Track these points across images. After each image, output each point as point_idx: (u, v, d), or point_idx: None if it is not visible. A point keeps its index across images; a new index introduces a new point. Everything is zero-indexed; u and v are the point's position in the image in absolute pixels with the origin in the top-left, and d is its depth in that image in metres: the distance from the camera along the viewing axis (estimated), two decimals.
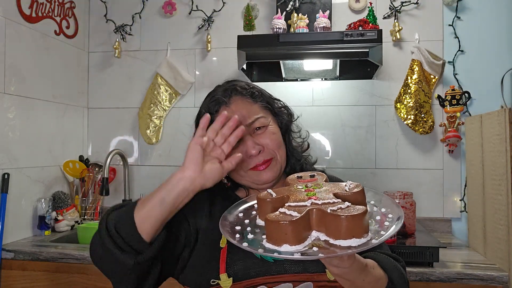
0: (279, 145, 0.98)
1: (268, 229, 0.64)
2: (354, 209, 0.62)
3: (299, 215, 0.63)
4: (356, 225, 0.61)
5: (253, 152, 0.94)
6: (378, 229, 0.67)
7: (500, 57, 1.98)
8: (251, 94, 1.00)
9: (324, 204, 0.66)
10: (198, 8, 2.24)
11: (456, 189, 2.02)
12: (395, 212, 0.72)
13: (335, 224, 0.61)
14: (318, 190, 0.74)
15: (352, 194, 0.71)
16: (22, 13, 1.88)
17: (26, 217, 1.90)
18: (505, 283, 1.38)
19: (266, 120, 0.99)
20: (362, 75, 2.04)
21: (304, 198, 0.70)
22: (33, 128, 1.94)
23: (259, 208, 0.74)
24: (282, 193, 0.73)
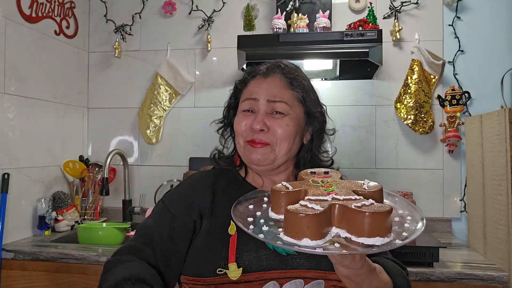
0: (285, 137, 0.94)
1: (288, 221, 0.61)
2: (380, 207, 0.60)
3: (322, 208, 0.60)
4: (381, 223, 0.58)
5: (255, 127, 0.93)
6: (398, 230, 0.64)
7: (500, 57, 1.98)
8: (291, 79, 0.97)
9: (346, 200, 0.63)
10: (198, 8, 2.24)
11: (456, 189, 2.02)
12: (414, 214, 0.69)
13: (359, 221, 0.59)
14: (335, 186, 0.71)
15: (371, 192, 0.68)
16: (22, 13, 1.88)
17: (26, 217, 1.90)
18: (505, 283, 1.38)
19: (289, 110, 0.95)
20: (362, 75, 2.04)
21: (323, 193, 0.67)
22: (33, 128, 1.94)
23: (273, 200, 0.70)
24: (299, 186, 0.70)
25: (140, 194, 2.24)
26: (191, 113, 2.25)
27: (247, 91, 0.99)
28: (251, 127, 0.94)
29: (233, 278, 0.84)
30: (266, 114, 0.94)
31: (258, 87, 0.96)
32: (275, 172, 1.00)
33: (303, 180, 0.76)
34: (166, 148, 2.28)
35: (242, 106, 0.98)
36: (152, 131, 2.24)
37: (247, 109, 0.97)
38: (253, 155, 0.94)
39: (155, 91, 2.24)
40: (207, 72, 2.24)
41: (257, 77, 0.99)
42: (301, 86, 0.98)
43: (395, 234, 0.62)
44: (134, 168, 2.30)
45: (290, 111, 0.95)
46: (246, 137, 0.95)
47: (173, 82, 2.24)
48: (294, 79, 0.97)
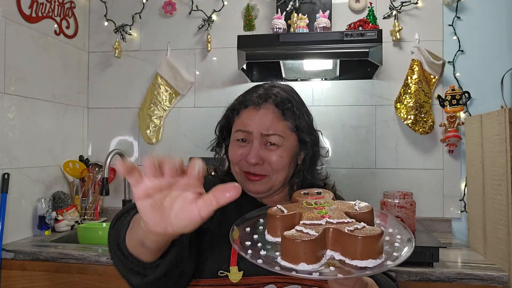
0: (280, 169, 0.97)
1: (285, 246, 0.63)
2: (371, 230, 0.62)
3: (317, 234, 0.62)
4: (373, 246, 0.61)
5: (251, 161, 0.95)
6: (389, 250, 0.67)
7: (500, 57, 1.98)
8: (284, 111, 0.98)
9: (340, 224, 0.66)
10: (198, 8, 2.24)
11: (456, 189, 2.02)
12: (403, 233, 0.72)
13: (352, 244, 0.61)
14: (328, 208, 0.73)
15: (362, 213, 0.71)
16: (22, 13, 1.88)
17: (26, 217, 1.90)
18: (505, 283, 1.38)
19: (282, 141, 0.97)
20: (362, 75, 2.04)
21: (317, 216, 0.69)
22: (33, 128, 1.94)
23: (269, 223, 0.72)
24: (293, 209, 0.72)
25: None
26: (191, 113, 2.25)
27: (240, 122, 1.00)
28: (246, 160, 0.96)
29: (234, 281, 0.86)
30: (260, 146, 0.96)
31: (251, 120, 0.97)
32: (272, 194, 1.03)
33: (297, 202, 0.78)
34: (166, 148, 2.28)
35: (235, 135, 1.00)
36: (152, 131, 2.24)
37: (241, 139, 0.99)
38: (251, 187, 0.97)
39: (155, 91, 2.24)
40: (207, 72, 2.24)
41: (249, 108, 0.99)
42: (294, 117, 0.99)
43: (386, 254, 0.64)
44: None
45: (283, 142, 0.97)
46: (242, 168, 0.98)
47: (173, 82, 2.24)
48: (286, 110, 0.98)
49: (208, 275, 0.88)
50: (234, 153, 0.99)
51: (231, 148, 1.01)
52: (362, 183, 2.09)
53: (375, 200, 1.95)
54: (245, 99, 1.01)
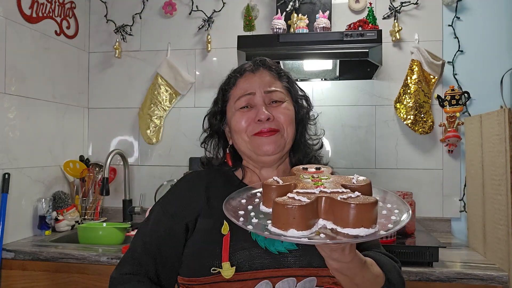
0: (290, 122, 0.98)
1: (276, 212, 0.63)
2: (365, 199, 0.62)
3: (308, 200, 0.62)
4: (366, 214, 0.60)
5: (262, 117, 0.95)
6: (384, 222, 0.67)
7: (499, 57, 1.98)
8: (277, 71, 1.03)
9: (333, 193, 0.65)
10: (198, 9, 2.24)
11: (455, 189, 2.02)
12: (401, 208, 0.72)
13: (345, 212, 0.60)
14: (325, 180, 0.73)
15: (360, 186, 0.70)
16: (22, 14, 1.88)
17: (27, 217, 1.90)
18: (505, 283, 1.38)
19: (284, 97, 1.00)
20: (362, 75, 2.05)
21: (311, 186, 0.69)
22: (33, 128, 1.95)
23: (264, 194, 0.73)
24: (288, 181, 0.73)
25: (140, 194, 2.24)
26: (191, 113, 2.25)
27: (239, 89, 1.00)
28: (256, 119, 0.96)
29: (227, 277, 0.85)
30: (266, 105, 0.97)
31: (251, 82, 0.99)
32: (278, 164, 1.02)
33: (295, 175, 0.78)
34: (166, 148, 2.28)
35: (237, 104, 0.99)
36: (152, 131, 2.25)
37: (244, 106, 0.99)
38: (265, 146, 0.96)
39: (155, 91, 2.24)
40: (207, 72, 2.25)
41: (246, 74, 1.02)
42: (286, 77, 1.04)
43: (381, 226, 0.64)
44: (134, 168, 2.30)
45: (285, 98, 1.00)
46: (252, 131, 0.97)
47: (173, 82, 2.24)
48: (278, 73, 1.03)
49: (201, 273, 0.87)
50: (239, 121, 0.98)
51: (235, 119, 0.99)
52: None
53: None
54: (239, 69, 1.04)
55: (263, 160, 0.99)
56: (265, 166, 1.01)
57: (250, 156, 1.00)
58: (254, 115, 0.96)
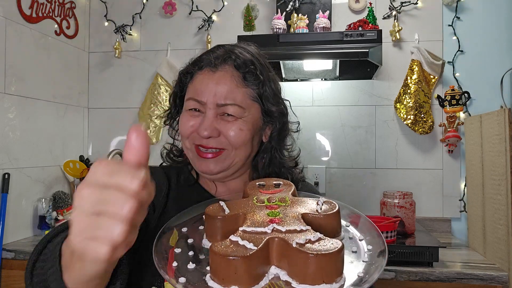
0: (240, 145, 0.81)
1: (214, 264, 0.49)
2: (327, 245, 0.48)
3: (255, 248, 0.48)
4: (328, 266, 0.47)
5: (203, 134, 0.79)
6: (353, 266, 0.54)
7: (500, 57, 1.98)
8: (245, 74, 0.82)
9: (289, 232, 0.51)
10: (198, 9, 2.24)
11: (455, 189, 2.02)
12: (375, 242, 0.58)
13: (301, 263, 0.47)
14: (283, 208, 0.59)
15: (325, 217, 0.57)
16: (22, 13, 1.88)
17: (27, 217, 1.90)
18: (504, 283, 1.38)
19: (242, 112, 0.81)
20: (362, 75, 2.05)
21: (264, 219, 0.55)
22: (33, 128, 1.95)
23: (207, 225, 0.59)
24: (237, 208, 0.59)
25: None
26: None
27: (193, 88, 0.84)
28: (198, 133, 0.81)
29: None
30: (215, 117, 0.81)
31: (205, 86, 0.81)
32: (229, 179, 0.88)
33: (248, 196, 0.65)
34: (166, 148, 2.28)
35: (187, 104, 0.85)
36: (152, 131, 2.25)
37: (193, 108, 0.83)
38: (203, 167, 0.82)
39: (155, 91, 2.24)
40: None
41: (204, 70, 0.83)
42: (257, 82, 0.83)
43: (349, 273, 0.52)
44: None
45: (243, 114, 0.81)
46: (194, 141, 0.82)
47: None
48: (248, 73, 0.82)
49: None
50: (184, 124, 0.83)
51: (181, 119, 0.85)
52: (362, 183, 2.09)
53: (375, 200, 1.96)
54: (200, 59, 0.85)
55: (205, 177, 0.86)
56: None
57: (193, 166, 0.86)
58: (198, 124, 0.81)
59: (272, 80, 0.87)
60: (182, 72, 0.89)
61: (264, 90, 0.84)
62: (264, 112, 0.85)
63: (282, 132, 0.89)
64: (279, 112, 0.86)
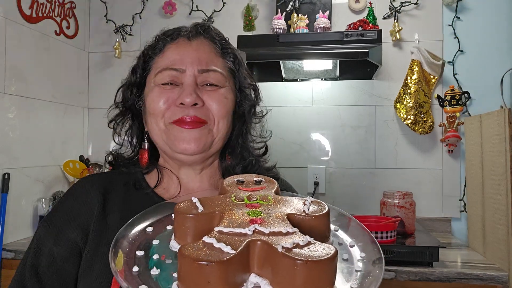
0: (224, 113, 0.74)
1: (182, 269, 0.41)
2: (318, 251, 0.41)
3: (234, 251, 0.41)
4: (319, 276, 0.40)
5: (186, 100, 0.71)
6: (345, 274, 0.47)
7: (500, 57, 1.98)
8: (222, 46, 0.78)
9: (273, 234, 0.44)
10: (198, 9, 2.24)
11: (455, 189, 2.02)
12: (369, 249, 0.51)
13: (288, 271, 0.40)
14: (265, 207, 0.51)
15: (314, 218, 0.49)
16: (22, 14, 1.88)
17: (27, 217, 1.90)
18: (504, 283, 1.38)
19: (224, 81, 0.76)
20: (362, 75, 2.05)
21: (244, 219, 0.48)
22: (33, 128, 1.95)
23: (177, 224, 0.50)
24: (212, 206, 0.51)
25: None
26: None
27: (166, 59, 0.76)
28: (178, 102, 0.72)
29: None
30: (196, 86, 0.73)
31: (182, 53, 0.74)
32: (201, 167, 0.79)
33: (225, 193, 0.57)
34: None
35: (158, 78, 0.75)
36: None
37: (167, 82, 0.74)
38: (184, 142, 0.72)
39: None
40: None
41: (179, 40, 0.76)
42: (233, 55, 0.80)
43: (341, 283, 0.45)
44: None
45: (225, 83, 0.76)
46: (171, 117, 0.73)
47: None
48: (225, 45, 0.79)
49: None
50: (156, 100, 0.74)
51: (151, 97, 0.75)
52: (362, 183, 2.09)
53: (375, 200, 1.96)
54: (172, 32, 0.78)
55: (180, 158, 0.76)
56: (184, 165, 0.78)
57: (165, 150, 0.76)
58: (177, 96, 0.72)
59: (243, 61, 0.84)
60: (148, 48, 0.80)
61: (240, 66, 0.81)
62: (239, 88, 0.80)
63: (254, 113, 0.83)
64: (252, 88, 0.83)
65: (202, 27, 0.78)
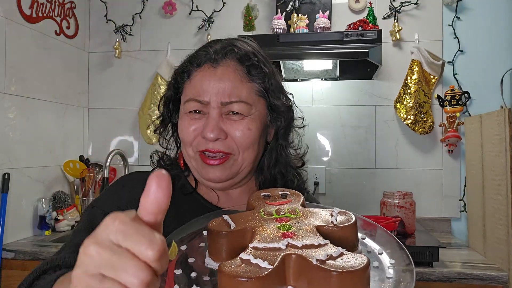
0: (248, 145, 0.75)
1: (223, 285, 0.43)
2: (351, 261, 0.43)
3: (271, 266, 0.43)
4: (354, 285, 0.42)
5: (209, 136, 0.73)
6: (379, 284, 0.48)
7: (499, 57, 1.98)
8: (249, 68, 0.76)
9: (306, 247, 0.46)
10: (198, 8, 2.24)
11: (455, 189, 2.02)
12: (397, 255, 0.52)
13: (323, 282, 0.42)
14: (294, 220, 0.53)
15: (342, 229, 0.51)
16: (22, 13, 1.88)
17: (27, 217, 1.90)
18: (504, 283, 1.38)
19: (250, 110, 0.75)
20: (362, 75, 2.05)
21: (275, 234, 0.49)
22: (33, 128, 1.95)
23: (211, 241, 0.52)
24: (244, 222, 0.53)
25: None
26: None
27: (192, 88, 0.77)
28: (202, 136, 0.74)
29: None
30: (220, 116, 0.75)
31: (207, 84, 0.75)
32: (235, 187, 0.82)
33: (253, 208, 0.59)
34: None
35: (186, 107, 0.77)
36: (152, 131, 2.25)
37: (194, 110, 0.76)
38: (209, 174, 0.75)
39: (155, 91, 2.24)
40: None
41: (204, 67, 0.77)
42: (261, 75, 0.77)
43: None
44: (135, 168, 2.30)
45: (251, 111, 0.76)
46: (198, 147, 0.76)
47: None
48: (252, 67, 0.76)
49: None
50: (185, 129, 0.76)
51: (181, 124, 0.78)
52: (362, 183, 2.09)
53: (375, 200, 1.96)
54: (198, 56, 0.79)
55: (208, 185, 0.80)
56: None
57: (195, 175, 0.81)
58: (203, 127, 0.74)
59: (275, 73, 0.82)
60: (177, 71, 0.82)
61: (270, 84, 0.78)
62: (270, 107, 0.79)
63: (288, 128, 0.83)
64: (285, 106, 0.81)
65: (227, 49, 0.78)
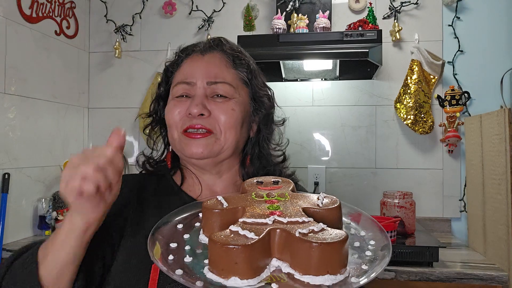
0: (231, 125, 0.78)
1: (212, 253, 0.48)
2: (331, 235, 0.47)
3: (257, 237, 0.47)
4: (333, 256, 0.46)
5: (193, 111, 0.76)
6: (358, 260, 0.52)
7: (499, 57, 1.98)
8: (234, 58, 0.83)
9: (291, 223, 0.50)
10: (198, 8, 2.24)
11: (456, 189, 2.02)
12: (378, 238, 0.57)
13: (305, 253, 0.46)
14: (282, 202, 0.58)
15: (326, 210, 0.56)
16: (22, 13, 1.88)
17: (27, 217, 1.90)
18: (504, 283, 1.38)
19: (233, 92, 0.80)
20: (362, 75, 2.05)
21: (264, 212, 0.54)
22: (33, 128, 1.95)
23: (205, 220, 0.57)
24: (236, 202, 0.58)
25: None
26: None
27: (180, 73, 0.83)
28: (187, 113, 0.78)
29: None
30: (206, 97, 0.79)
31: (194, 68, 0.81)
32: (217, 171, 0.84)
33: (246, 192, 0.63)
34: None
35: (174, 91, 0.82)
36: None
37: (181, 95, 0.81)
38: (192, 148, 0.77)
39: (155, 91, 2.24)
40: None
41: (193, 55, 0.83)
42: (246, 65, 0.84)
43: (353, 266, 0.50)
44: (135, 168, 2.30)
45: (234, 94, 0.80)
46: (182, 126, 0.79)
47: None
48: (237, 57, 0.83)
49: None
50: (171, 112, 0.80)
51: (167, 109, 0.82)
52: (362, 183, 2.09)
53: (375, 200, 1.96)
54: (187, 48, 0.86)
55: (192, 162, 0.82)
56: (202, 170, 0.83)
57: (181, 157, 0.84)
58: (187, 107, 0.78)
59: (259, 71, 0.88)
60: (169, 63, 0.88)
61: (254, 76, 0.85)
62: (253, 98, 0.84)
63: (268, 121, 0.88)
64: (266, 97, 0.87)
65: (214, 41, 0.85)
